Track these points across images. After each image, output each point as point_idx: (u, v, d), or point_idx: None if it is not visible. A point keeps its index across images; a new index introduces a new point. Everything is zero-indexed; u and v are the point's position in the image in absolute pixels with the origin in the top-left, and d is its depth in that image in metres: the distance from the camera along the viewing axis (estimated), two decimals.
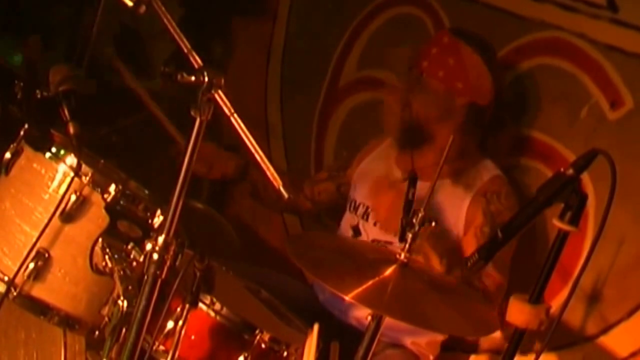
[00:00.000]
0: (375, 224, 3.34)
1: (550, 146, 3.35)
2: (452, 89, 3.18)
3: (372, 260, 2.47)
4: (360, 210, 3.42)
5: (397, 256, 2.38)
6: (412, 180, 2.58)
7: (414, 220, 2.36)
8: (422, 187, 3.13)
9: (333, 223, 3.69)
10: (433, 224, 2.36)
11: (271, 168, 2.18)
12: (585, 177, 2.49)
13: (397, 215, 3.11)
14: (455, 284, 2.72)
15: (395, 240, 2.99)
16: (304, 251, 2.52)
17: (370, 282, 2.30)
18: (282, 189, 2.18)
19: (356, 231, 3.42)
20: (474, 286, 2.99)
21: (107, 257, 2.60)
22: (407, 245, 2.37)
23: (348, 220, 3.48)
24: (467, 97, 3.18)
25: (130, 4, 2.36)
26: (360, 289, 2.26)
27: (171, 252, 2.23)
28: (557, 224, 2.27)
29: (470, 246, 3.10)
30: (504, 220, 3.02)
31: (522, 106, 3.48)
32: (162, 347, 2.56)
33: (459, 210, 3.18)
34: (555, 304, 2.47)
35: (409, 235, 2.36)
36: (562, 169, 2.27)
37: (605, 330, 3.17)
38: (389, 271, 2.35)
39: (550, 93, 3.40)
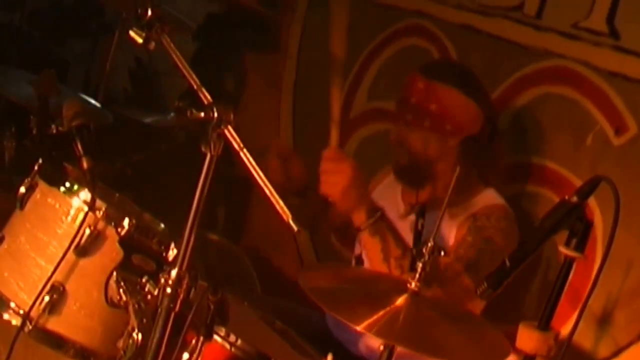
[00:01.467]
0: None
1: (557, 173, 3.36)
2: (442, 134, 3.14)
3: (384, 290, 2.47)
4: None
5: (408, 285, 2.39)
6: (421, 211, 2.60)
7: (424, 250, 2.37)
8: (429, 218, 3.18)
9: None
10: (442, 253, 2.37)
11: (280, 201, 2.21)
12: (591, 201, 2.50)
13: None
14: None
15: None
16: (316, 282, 2.52)
17: (381, 312, 2.29)
18: (291, 222, 2.20)
19: (359, 261, 3.44)
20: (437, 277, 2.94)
21: (121, 290, 2.62)
22: (417, 275, 2.38)
23: (354, 249, 3.50)
24: (458, 135, 3.15)
25: (140, 40, 2.41)
26: (371, 319, 2.26)
27: (184, 285, 2.25)
28: (563, 250, 2.29)
29: (450, 249, 3.08)
30: (487, 236, 3.03)
31: (528, 134, 3.50)
32: None
33: (452, 237, 3.18)
34: (567, 329, 2.48)
35: (419, 265, 2.37)
36: (566, 197, 2.29)
37: (617, 353, 3.16)
38: (400, 300, 2.36)
39: (556, 120, 3.41)
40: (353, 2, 4.28)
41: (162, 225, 2.92)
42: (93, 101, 4.04)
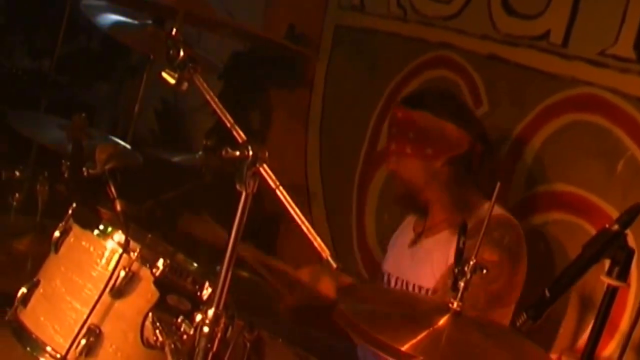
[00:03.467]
0: None
1: (589, 200, 3.35)
2: (424, 158, 3.21)
3: (425, 311, 2.46)
4: (385, 278, 3.46)
5: (450, 305, 2.37)
6: (462, 229, 2.58)
7: (466, 269, 2.35)
8: (426, 242, 3.32)
9: None
10: (484, 271, 2.35)
11: (318, 239, 2.20)
12: None
13: (410, 277, 3.29)
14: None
15: None
16: (356, 306, 2.51)
17: (424, 333, 2.27)
18: (330, 259, 2.20)
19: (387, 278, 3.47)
20: None
21: (157, 331, 2.61)
22: (459, 294, 2.36)
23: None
24: (442, 157, 3.21)
25: (173, 81, 2.42)
26: (415, 340, 2.24)
27: (221, 325, 2.25)
28: (606, 280, 2.27)
29: (440, 280, 3.14)
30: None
31: (558, 162, 3.49)
32: None
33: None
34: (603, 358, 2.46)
35: (461, 284, 2.35)
36: (607, 225, 2.28)
37: None
38: (442, 321, 2.34)
39: (586, 148, 3.40)
40: (378, 36, 4.33)
41: (195, 265, 2.92)
42: (123, 143, 4.06)
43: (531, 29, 3.60)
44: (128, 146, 4.08)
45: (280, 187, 2.17)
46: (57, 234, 2.81)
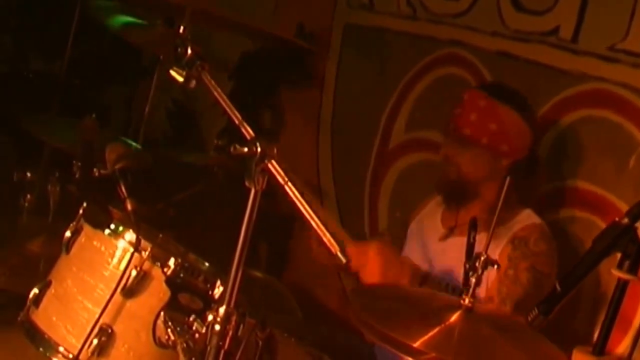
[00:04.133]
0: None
1: (601, 196, 3.34)
2: (497, 153, 3.18)
3: (437, 307, 2.46)
4: None
5: (462, 301, 2.37)
6: (473, 225, 2.58)
7: (477, 265, 2.34)
8: (459, 242, 3.19)
9: None
10: (495, 267, 2.35)
11: (328, 234, 2.20)
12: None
13: (444, 275, 3.23)
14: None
15: None
16: (368, 303, 2.51)
17: (436, 329, 2.26)
18: (339, 254, 2.20)
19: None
20: None
21: (169, 330, 2.62)
22: (471, 290, 2.35)
23: None
24: (511, 157, 3.19)
25: (181, 79, 2.42)
26: (427, 337, 2.24)
27: (233, 323, 2.25)
28: (616, 273, 2.25)
29: (491, 286, 3.08)
30: (528, 265, 3.04)
31: (569, 158, 3.49)
32: None
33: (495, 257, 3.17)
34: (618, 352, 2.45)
35: (472, 280, 2.34)
36: (617, 219, 2.27)
37: None
38: (454, 317, 2.33)
39: (597, 144, 3.40)
40: (388, 35, 4.33)
41: (207, 264, 2.92)
42: (134, 143, 4.07)
43: (540, 24, 3.60)
44: (138, 146, 4.09)
45: (289, 183, 2.17)
46: (68, 234, 2.83)
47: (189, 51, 2.40)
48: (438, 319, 2.31)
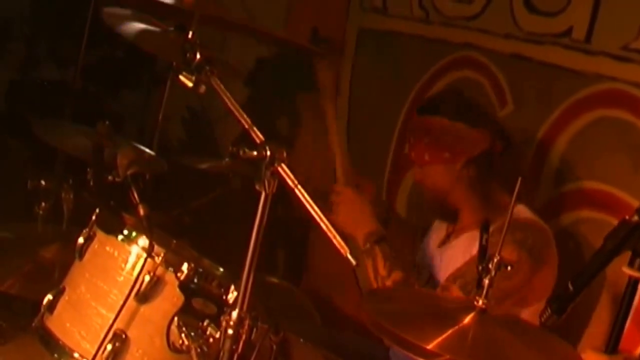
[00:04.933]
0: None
1: (616, 196, 3.32)
2: (444, 161, 3.24)
3: (450, 309, 2.45)
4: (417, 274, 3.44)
5: (475, 303, 2.36)
6: (485, 227, 2.58)
7: (490, 266, 2.33)
8: (455, 244, 3.33)
9: None
10: (509, 268, 2.34)
11: (337, 237, 2.20)
12: None
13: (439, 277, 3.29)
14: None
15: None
16: (381, 306, 2.51)
17: (450, 331, 2.26)
18: (349, 256, 2.20)
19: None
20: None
21: (183, 335, 2.62)
22: (484, 291, 2.34)
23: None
24: (460, 159, 3.23)
25: (190, 84, 2.43)
26: (441, 338, 2.23)
27: (246, 327, 2.25)
28: (627, 271, 2.25)
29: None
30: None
31: (585, 159, 3.47)
32: None
33: None
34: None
35: (486, 282, 2.33)
36: (627, 217, 2.26)
37: None
38: (468, 319, 2.33)
39: (612, 144, 3.37)
40: (401, 39, 4.32)
41: (221, 269, 2.92)
42: (147, 150, 4.07)
43: (554, 26, 3.58)
44: (152, 152, 4.09)
45: (299, 186, 2.17)
46: (81, 240, 2.84)
47: (198, 56, 2.40)
48: (452, 321, 2.31)
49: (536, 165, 3.62)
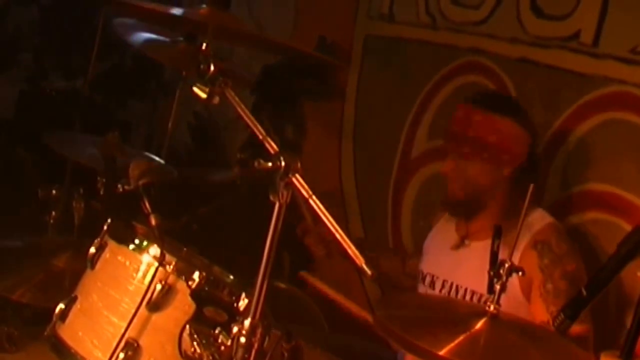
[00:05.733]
0: (440, 292, 3.35)
1: (624, 199, 3.32)
2: (499, 163, 3.18)
3: (462, 314, 2.45)
4: (427, 280, 3.42)
5: (487, 308, 2.35)
6: (497, 232, 2.58)
7: (501, 272, 2.33)
8: (475, 247, 3.26)
9: None
10: (520, 273, 2.34)
11: (353, 247, 2.20)
12: None
13: (460, 280, 3.26)
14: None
15: None
16: (393, 312, 2.50)
17: (462, 337, 2.25)
18: (364, 266, 2.20)
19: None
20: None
21: (195, 343, 2.62)
22: (496, 297, 2.34)
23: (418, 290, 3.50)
24: (513, 165, 3.19)
25: (204, 96, 2.43)
26: (453, 344, 2.22)
27: (258, 335, 2.25)
28: None
29: (540, 309, 3.06)
30: (564, 270, 3.04)
31: (592, 161, 3.47)
32: None
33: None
34: None
35: (497, 287, 2.33)
36: None
37: None
38: (479, 324, 2.32)
39: (620, 146, 3.37)
40: (408, 45, 4.33)
41: (231, 277, 2.93)
42: (157, 158, 4.09)
43: (561, 29, 3.58)
44: (162, 161, 4.10)
45: (314, 197, 2.17)
46: (92, 250, 2.85)
47: (212, 68, 2.41)
48: (464, 327, 2.30)
49: (543, 167, 3.61)
